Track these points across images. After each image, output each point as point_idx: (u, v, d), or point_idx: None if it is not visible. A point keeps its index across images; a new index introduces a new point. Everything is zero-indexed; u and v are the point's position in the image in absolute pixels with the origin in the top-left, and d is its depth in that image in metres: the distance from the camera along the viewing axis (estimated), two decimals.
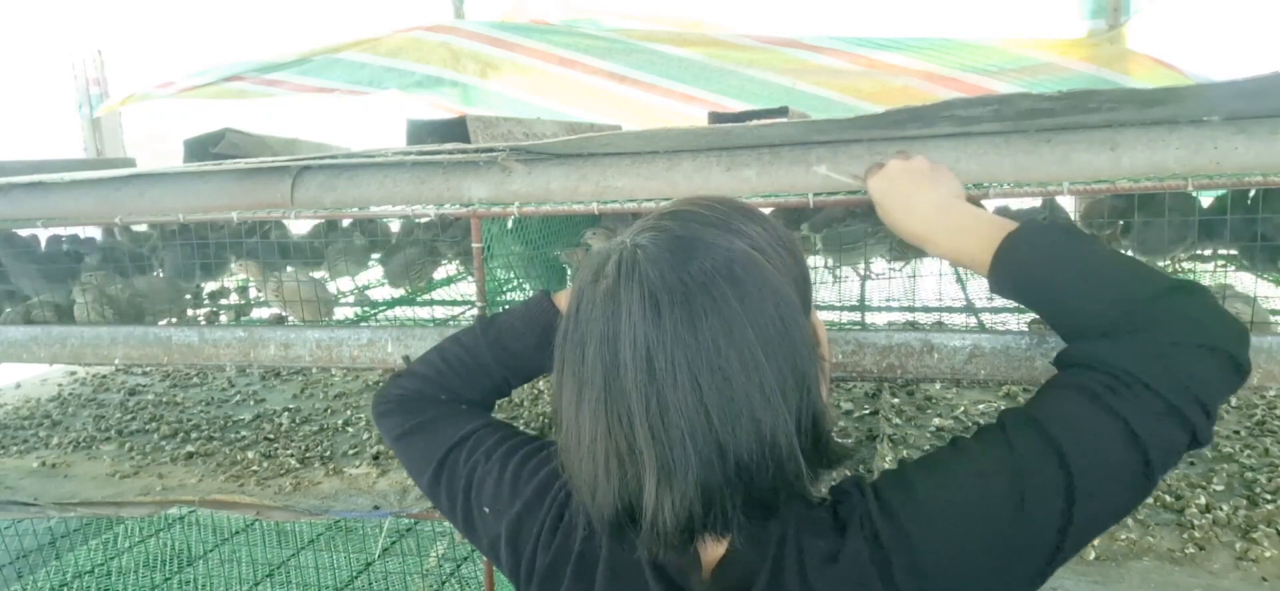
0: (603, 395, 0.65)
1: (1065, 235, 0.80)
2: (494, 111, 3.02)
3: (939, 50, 2.78)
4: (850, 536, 0.68)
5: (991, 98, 1.02)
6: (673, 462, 0.63)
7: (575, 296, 0.70)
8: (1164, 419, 0.67)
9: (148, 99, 3.05)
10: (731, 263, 0.66)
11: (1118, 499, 0.67)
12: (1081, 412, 0.68)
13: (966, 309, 1.78)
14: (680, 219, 0.70)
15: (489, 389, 1.03)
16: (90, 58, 3.17)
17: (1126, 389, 0.67)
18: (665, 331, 0.63)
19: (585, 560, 0.77)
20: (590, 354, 0.66)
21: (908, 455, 1.53)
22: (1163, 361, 0.67)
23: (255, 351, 1.49)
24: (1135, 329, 0.70)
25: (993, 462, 0.68)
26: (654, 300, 0.64)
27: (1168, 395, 0.66)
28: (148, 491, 1.64)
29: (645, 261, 0.66)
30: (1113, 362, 0.69)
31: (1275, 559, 1.16)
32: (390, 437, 0.99)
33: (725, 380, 0.63)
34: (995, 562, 0.66)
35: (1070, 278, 0.77)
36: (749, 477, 0.64)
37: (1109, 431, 0.66)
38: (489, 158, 1.33)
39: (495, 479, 0.86)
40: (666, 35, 2.99)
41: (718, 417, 0.63)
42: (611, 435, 0.65)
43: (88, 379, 2.49)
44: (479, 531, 0.87)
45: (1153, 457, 0.66)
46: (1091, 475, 0.65)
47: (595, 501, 0.68)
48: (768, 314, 0.66)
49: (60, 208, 1.59)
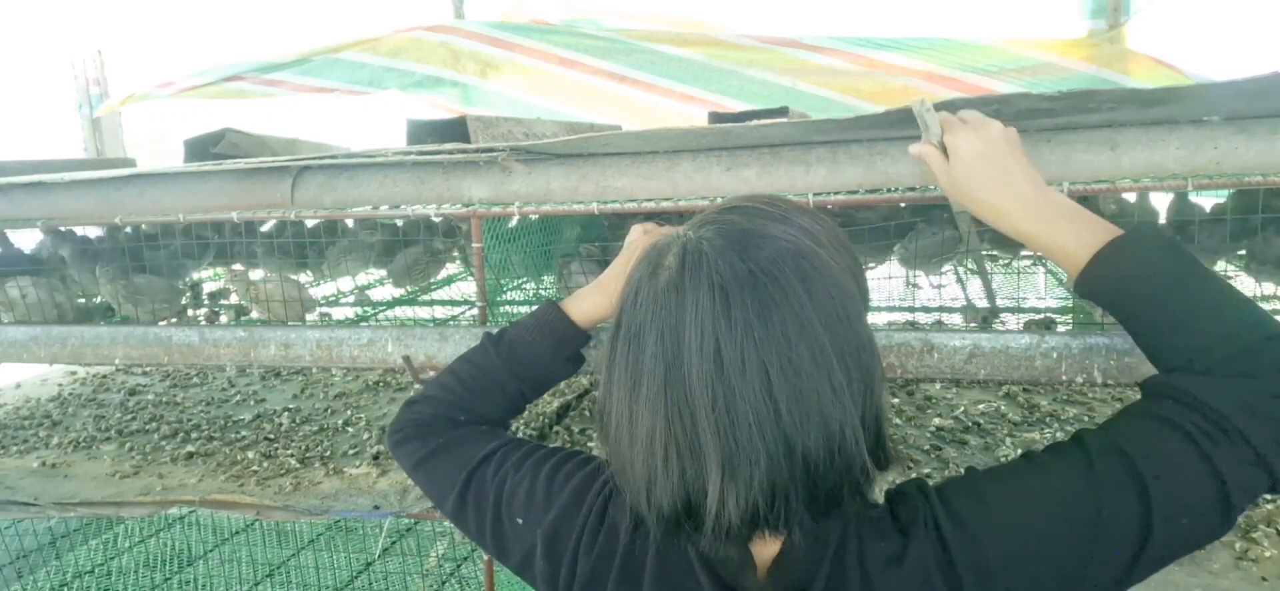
0: (663, 388, 0.64)
1: (1174, 253, 0.76)
2: (494, 111, 3.02)
3: (939, 50, 2.78)
4: (914, 538, 0.67)
5: (991, 98, 1.02)
6: (738, 457, 0.62)
7: (630, 290, 0.69)
8: (1252, 467, 0.66)
9: (148, 99, 3.05)
10: (798, 256, 0.65)
11: (1192, 536, 0.67)
12: (1171, 450, 0.67)
13: (967, 309, 1.78)
14: (742, 212, 0.70)
15: (505, 404, 1.01)
16: (90, 58, 3.17)
17: (1223, 436, 0.66)
18: (735, 323, 0.62)
19: (631, 562, 0.75)
20: (650, 347, 0.65)
21: (908, 455, 1.53)
22: (1264, 413, 0.66)
23: (255, 351, 1.49)
24: (1239, 374, 0.68)
25: (1072, 483, 0.67)
26: (723, 291, 0.63)
27: (1260, 447, 0.65)
28: (148, 491, 1.64)
29: (712, 253, 0.65)
30: (1213, 405, 0.67)
31: (1275, 559, 1.16)
32: (409, 465, 0.96)
33: (796, 373, 0.62)
34: (1062, 581, 0.65)
35: (1176, 301, 0.74)
36: (815, 474, 0.64)
37: (1198, 476, 0.65)
38: (489, 158, 1.33)
39: (528, 488, 0.84)
40: (666, 35, 2.99)
41: (786, 411, 0.62)
42: (670, 429, 0.64)
43: (88, 379, 2.49)
44: (511, 546, 0.84)
45: (1234, 502, 0.65)
46: (1171, 514, 0.65)
47: (652, 497, 0.67)
48: (834, 308, 0.65)
49: (60, 208, 1.59)
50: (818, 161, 1.20)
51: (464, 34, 3.14)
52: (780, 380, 0.62)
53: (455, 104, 3.20)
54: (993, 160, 0.87)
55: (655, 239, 0.73)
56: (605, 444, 0.73)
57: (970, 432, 1.63)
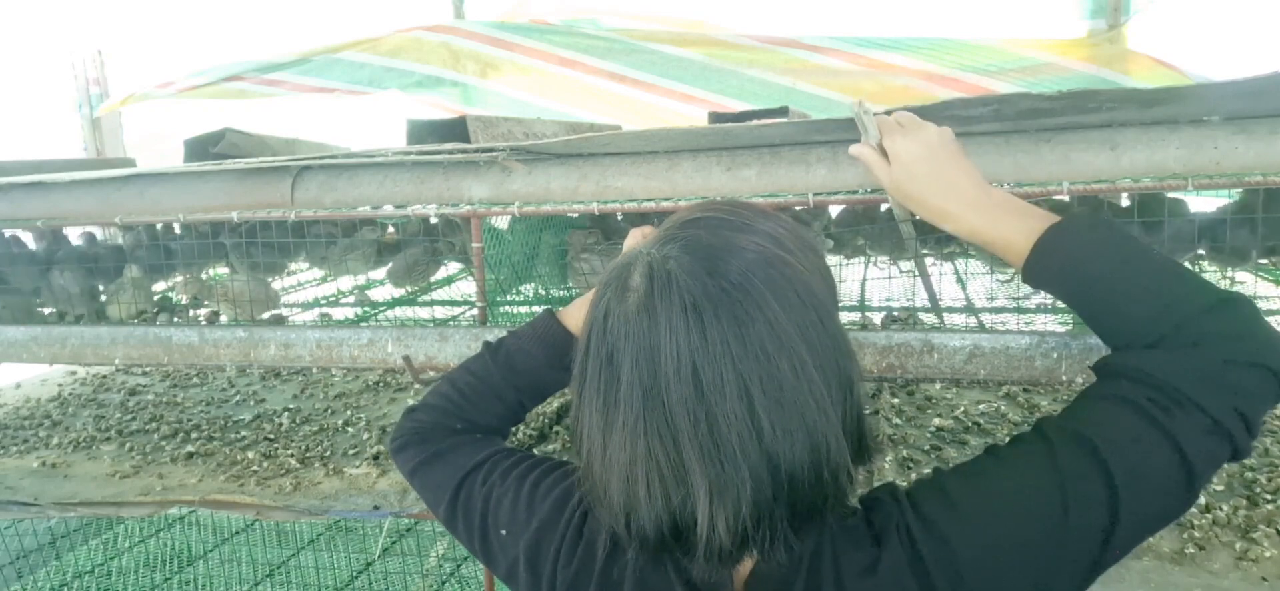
0: (641, 415, 0.63)
1: (1114, 234, 0.78)
2: (494, 111, 3.02)
3: (939, 50, 2.78)
4: (888, 546, 0.67)
5: (991, 98, 1.02)
6: (725, 479, 0.62)
7: (598, 313, 0.68)
8: (1211, 435, 0.66)
9: (148, 99, 3.05)
10: (767, 265, 0.64)
11: (1160, 512, 0.67)
12: (1130, 429, 0.67)
13: (967, 309, 1.79)
14: (704, 226, 0.68)
15: (503, 413, 1.01)
16: (90, 58, 3.17)
17: (1178, 408, 0.66)
18: (712, 343, 0.61)
19: (609, 575, 0.74)
20: (625, 373, 0.64)
21: (908, 455, 1.53)
22: (1215, 380, 0.67)
23: (255, 351, 1.49)
24: (1187, 343, 0.69)
25: (1036, 475, 0.67)
26: (696, 312, 0.62)
27: (1217, 414, 0.66)
28: (148, 491, 1.64)
29: (680, 271, 0.63)
30: (1164, 379, 0.68)
31: (1275, 559, 1.16)
32: (406, 470, 0.97)
33: (778, 387, 0.62)
34: (1036, 574, 0.65)
35: (1119, 280, 0.75)
36: (799, 489, 0.63)
37: (1158, 449, 0.66)
38: (489, 158, 1.33)
39: (511, 499, 0.84)
40: (666, 35, 2.99)
41: (770, 429, 0.61)
42: (652, 455, 0.63)
43: (88, 379, 2.49)
44: (497, 557, 0.84)
45: (1197, 471, 0.66)
46: (1136, 491, 0.65)
47: (634, 521, 0.66)
48: (808, 316, 0.64)
49: (60, 208, 1.59)
50: (818, 161, 1.20)
51: (464, 34, 3.14)
52: (762, 397, 0.61)
53: (455, 104, 3.20)
54: (933, 163, 0.88)
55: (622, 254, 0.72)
56: (578, 464, 0.72)
57: (970, 432, 1.63)
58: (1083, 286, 0.78)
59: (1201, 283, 0.73)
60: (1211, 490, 1.38)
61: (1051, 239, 0.79)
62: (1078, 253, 0.78)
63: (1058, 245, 0.79)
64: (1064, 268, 0.79)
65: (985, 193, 0.86)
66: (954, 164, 0.88)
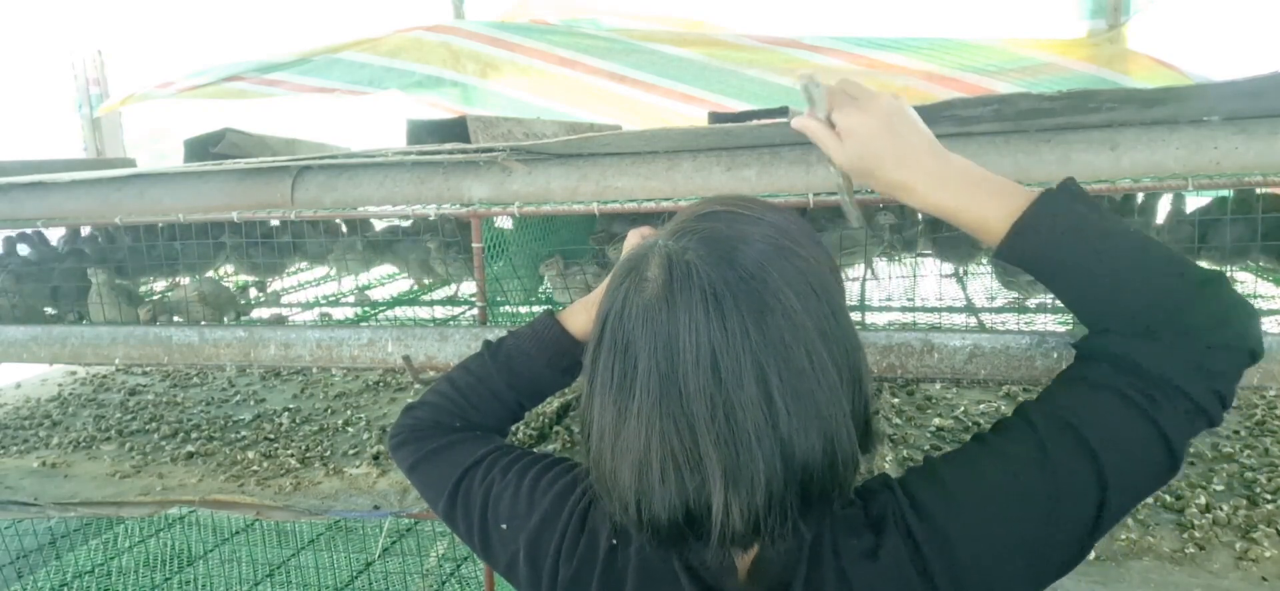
0: (659, 402, 0.64)
1: (1092, 210, 0.76)
2: (494, 111, 3.02)
3: (939, 50, 2.78)
4: (887, 534, 0.68)
5: (991, 98, 1.02)
6: (740, 467, 0.62)
7: (614, 303, 0.68)
8: (1193, 417, 0.68)
9: (148, 99, 3.04)
10: (781, 257, 0.66)
11: (1143, 490, 0.70)
12: (1116, 417, 0.68)
13: (967, 309, 1.78)
14: (719, 218, 0.69)
15: (502, 413, 1.01)
16: (90, 58, 3.17)
17: (1165, 397, 0.68)
18: (731, 332, 0.62)
19: (613, 567, 0.75)
20: (642, 361, 0.64)
21: (908, 455, 1.53)
22: (1200, 367, 0.68)
23: (255, 351, 1.49)
24: (1177, 333, 0.69)
25: (1026, 464, 0.69)
26: (716, 301, 0.62)
27: (1200, 399, 0.68)
28: (148, 491, 1.64)
29: (699, 262, 0.64)
30: (1155, 370, 0.68)
31: (1275, 559, 1.16)
32: (405, 467, 0.97)
33: (796, 376, 0.63)
34: (1028, 558, 0.67)
35: (1103, 260, 0.74)
36: (810, 477, 0.64)
37: (1144, 438, 0.67)
38: (489, 158, 1.33)
39: (511, 493, 0.84)
40: (666, 35, 2.99)
41: (786, 417, 0.62)
42: (667, 442, 0.64)
43: (88, 379, 2.49)
44: (496, 551, 0.85)
45: (1177, 449, 0.68)
46: (1121, 473, 0.67)
47: (644, 509, 0.66)
48: (821, 307, 0.65)
49: (60, 208, 1.59)
50: (818, 161, 1.20)
51: (464, 34, 3.13)
52: (779, 386, 0.62)
53: (455, 104, 3.19)
54: (891, 136, 0.82)
55: (633, 248, 0.72)
56: (586, 455, 0.72)
57: (970, 432, 1.63)
58: (1065, 271, 0.76)
59: (1184, 264, 0.72)
60: (1212, 490, 1.38)
61: (1033, 218, 0.76)
62: (1061, 233, 0.76)
63: (1040, 225, 0.76)
64: (1045, 249, 0.77)
65: (948, 164, 0.82)
66: (914, 133, 0.83)
